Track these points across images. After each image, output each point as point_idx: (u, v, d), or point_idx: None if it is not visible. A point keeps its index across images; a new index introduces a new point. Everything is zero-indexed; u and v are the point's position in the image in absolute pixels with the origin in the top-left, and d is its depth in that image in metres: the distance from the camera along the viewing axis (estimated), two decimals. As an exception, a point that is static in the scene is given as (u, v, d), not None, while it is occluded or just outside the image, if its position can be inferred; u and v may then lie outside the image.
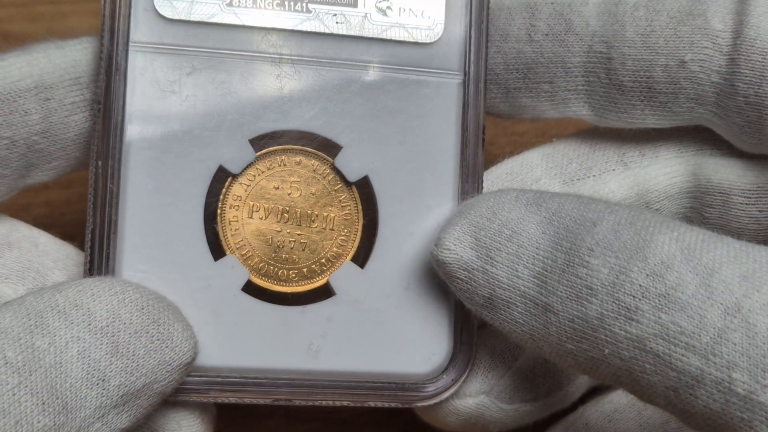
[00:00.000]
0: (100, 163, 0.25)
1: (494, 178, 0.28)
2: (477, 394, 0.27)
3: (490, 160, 0.29)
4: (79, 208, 0.35)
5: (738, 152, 0.28)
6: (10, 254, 0.26)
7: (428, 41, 0.26)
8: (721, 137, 0.28)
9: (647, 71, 0.26)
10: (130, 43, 0.25)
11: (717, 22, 0.26)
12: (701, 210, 0.28)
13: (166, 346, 0.23)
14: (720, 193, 0.28)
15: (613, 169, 0.28)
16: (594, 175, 0.28)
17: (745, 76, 0.25)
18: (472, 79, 0.27)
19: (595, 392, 0.30)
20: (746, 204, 0.27)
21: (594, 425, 0.30)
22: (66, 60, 0.26)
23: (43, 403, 0.21)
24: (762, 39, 0.25)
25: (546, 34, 0.27)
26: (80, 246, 0.27)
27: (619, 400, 0.30)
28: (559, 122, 0.38)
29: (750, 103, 0.25)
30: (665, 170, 0.28)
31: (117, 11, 0.25)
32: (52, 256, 0.26)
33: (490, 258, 0.24)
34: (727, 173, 0.27)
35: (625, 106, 0.27)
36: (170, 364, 0.23)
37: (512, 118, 0.29)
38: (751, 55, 0.25)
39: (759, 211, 0.28)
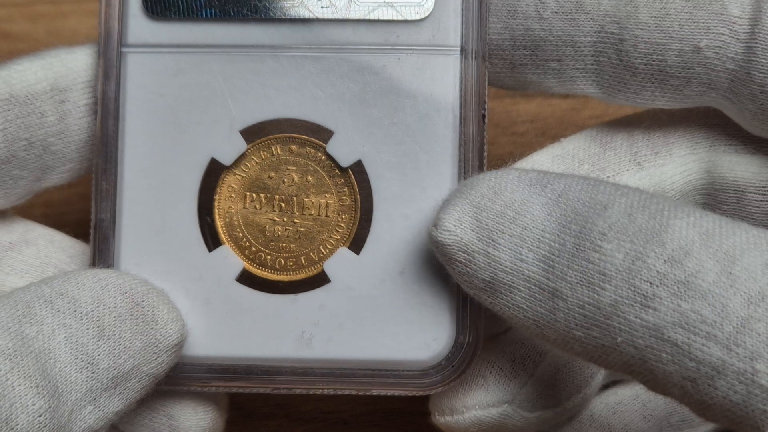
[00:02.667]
0: (99, 161, 0.26)
1: None
2: (500, 404, 0.26)
3: (491, 160, 0.29)
4: (79, 208, 0.35)
5: (753, 148, 0.27)
6: (28, 251, 0.27)
7: (418, 18, 0.26)
8: (733, 132, 0.27)
9: (660, 55, 0.26)
10: (123, 44, 0.26)
11: (734, 8, 0.25)
12: (715, 207, 0.28)
13: (152, 328, 0.24)
14: (735, 190, 0.27)
15: (628, 170, 0.27)
16: (608, 177, 0.27)
17: (762, 65, 0.25)
18: (468, 55, 0.26)
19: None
20: (761, 201, 0.27)
21: (598, 417, 0.29)
22: (78, 63, 0.26)
23: (36, 386, 0.21)
24: None
25: (555, 12, 0.26)
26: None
27: (623, 392, 0.30)
28: (560, 122, 0.38)
29: (765, 92, 0.25)
30: (680, 169, 0.27)
31: (111, 15, 0.26)
32: (69, 252, 0.27)
33: (493, 240, 0.23)
34: (742, 171, 0.27)
35: (635, 87, 0.26)
36: (157, 346, 0.24)
37: (516, 91, 0.28)
38: None
39: None
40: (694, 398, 0.20)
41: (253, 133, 0.26)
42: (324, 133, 0.26)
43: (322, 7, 0.26)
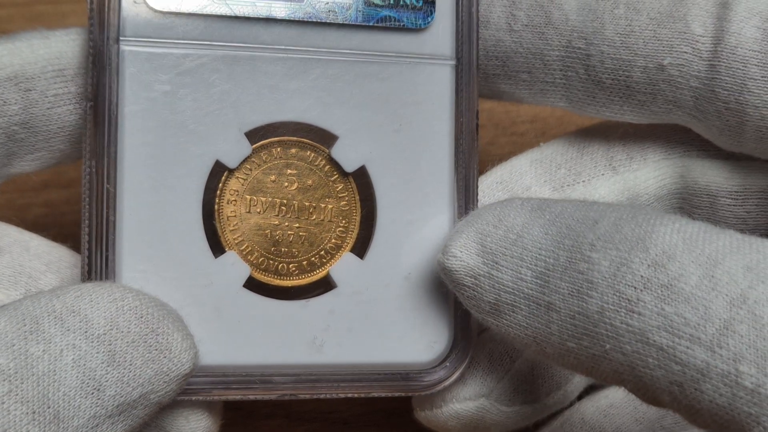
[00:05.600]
0: (93, 163, 0.24)
1: (485, 188, 0.28)
2: (477, 398, 0.27)
3: (490, 160, 0.29)
4: (79, 208, 0.35)
5: (725, 154, 0.28)
6: (1, 259, 0.26)
7: (420, 27, 0.26)
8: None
9: (626, 71, 0.26)
10: (121, 38, 0.25)
11: (697, 26, 0.25)
12: (689, 211, 0.28)
13: (164, 357, 0.23)
14: (707, 195, 0.28)
15: (603, 174, 0.28)
16: (583, 181, 0.28)
17: (726, 83, 0.25)
18: (464, 64, 0.26)
19: (591, 388, 0.30)
20: (733, 205, 0.28)
21: (590, 420, 0.30)
22: (50, 51, 0.25)
23: (33, 413, 0.21)
24: (743, 47, 0.25)
25: (525, 25, 0.26)
26: (74, 247, 0.26)
27: (614, 395, 0.30)
28: (560, 122, 0.38)
29: (730, 108, 0.25)
30: (654, 173, 0.28)
31: (105, 4, 0.25)
32: (44, 259, 0.26)
33: (496, 263, 0.23)
34: (714, 175, 0.28)
35: (603, 101, 0.27)
36: (168, 375, 0.23)
37: (491, 99, 0.29)
38: (731, 63, 0.25)
39: (746, 212, 0.28)
40: (683, 404, 0.20)
41: (258, 136, 0.26)
42: (328, 138, 0.26)
43: (329, 12, 0.26)
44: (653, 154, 0.28)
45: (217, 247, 0.25)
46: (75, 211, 0.35)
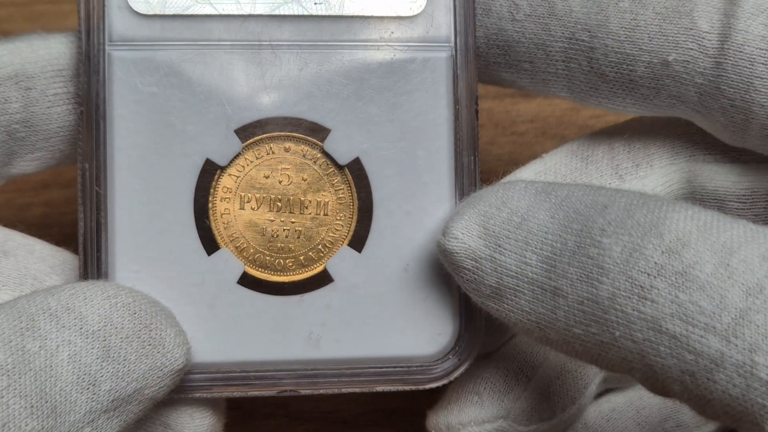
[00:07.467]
0: (86, 165, 0.25)
1: None
2: (495, 419, 0.26)
3: (491, 160, 0.29)
4: (79, 208, 0.35)
5: (731, 157, 0.27)
6: (6, 262, 0.26)
7: (411, 14, 0.26)
8: (712, 141, 0.27)
9: (630, 65, 0.26)
10: (107, 42, 0.25)
11: (704, 22, 0.25)
12: None
13: (158, 352, 0.23)
14: (715, 199, 0.27)
15: (610, 183, 0.27)
16: None
17: (732, 81, 0.25)
18: (460, 50, 0.26)
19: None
20: (742, 209, 0.27)
21: (592, 425, 0.29)
22: (49, 51, 0.25)
23: (32, 406, 0.21)
24: (750, 45, 0.25)
25: (528, 15, 0.26)
26: (76, 250, 0.26)
27: (617, 399, 0.30)
28: (559, 122, 0.38)
29: (735, 106, 0.25)
30: (662, 180, 0.28)
31: (92, 10, 0.25)
32: (49, 262, 0.26)
33: (499, 246, 0.23)
34: (722, 180, 0.27)
35: (606, 93, 0.27)
36: (161, 370, 0.23)
37: (491, 85, 0.29)
38: (738, 61, 0.25)
39: (754, 215, 0.27)
40: (694, 393, 0.20)
41: (248, 132, 0.26)
42: (320, 131, 0.26)
43: (315, 4, 0.26)
44: (659, 160, 0.28)
45: (210, 244, 0.26)
46: (75, 211, 0.35)
